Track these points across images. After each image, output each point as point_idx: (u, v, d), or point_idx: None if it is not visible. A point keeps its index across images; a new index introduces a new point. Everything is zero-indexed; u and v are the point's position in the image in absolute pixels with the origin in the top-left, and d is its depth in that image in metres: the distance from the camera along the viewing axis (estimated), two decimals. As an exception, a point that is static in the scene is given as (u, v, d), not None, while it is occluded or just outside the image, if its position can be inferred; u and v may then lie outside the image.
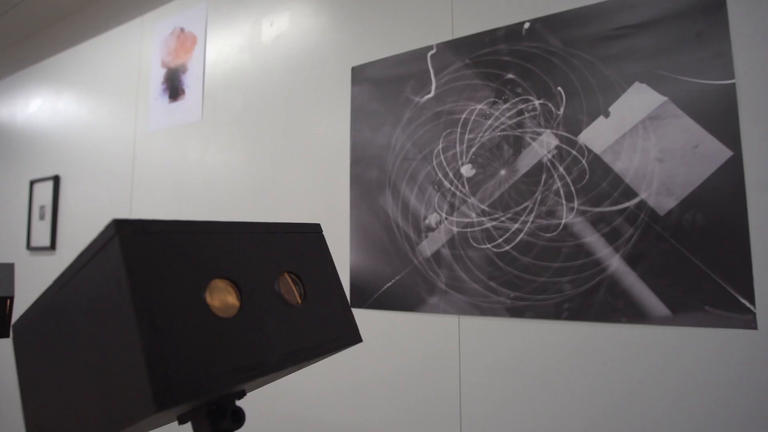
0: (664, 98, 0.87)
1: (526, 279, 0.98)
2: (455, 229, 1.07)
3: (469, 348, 1.03)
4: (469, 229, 1.05)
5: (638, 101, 0.89)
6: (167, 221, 0.31)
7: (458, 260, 1.06)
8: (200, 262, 0.33)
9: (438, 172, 1.10)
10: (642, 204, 0.88)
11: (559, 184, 0.96)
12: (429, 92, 1.13)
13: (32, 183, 2.16)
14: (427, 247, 1.10)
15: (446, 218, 1.08)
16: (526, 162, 1.00)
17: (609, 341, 0.89)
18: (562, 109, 0.97)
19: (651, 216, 0.87)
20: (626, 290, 0.88)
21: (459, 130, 1.08)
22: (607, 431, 0.87)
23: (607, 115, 0.92)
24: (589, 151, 0.93)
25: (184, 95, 1.62)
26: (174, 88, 1.65)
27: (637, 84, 0.89)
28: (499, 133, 1.03)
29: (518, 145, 1.01)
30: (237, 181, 1.44)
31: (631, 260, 0.88)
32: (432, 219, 1.10)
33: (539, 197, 0.98)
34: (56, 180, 2.04)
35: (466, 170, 1.07)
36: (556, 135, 0.97)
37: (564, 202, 0.95)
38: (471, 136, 1.07)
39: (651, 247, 0.86)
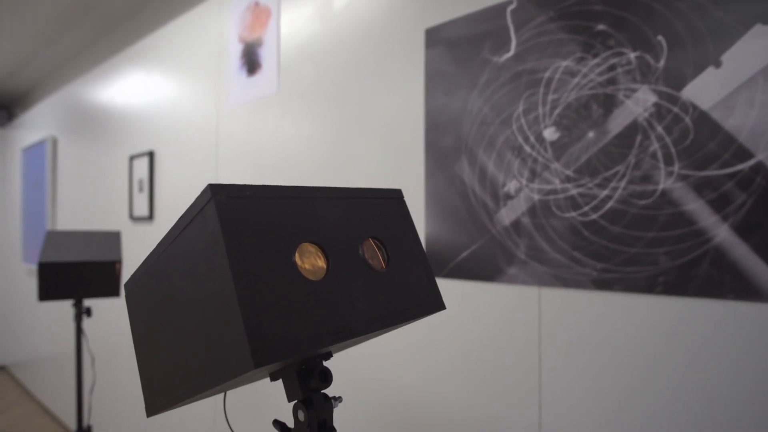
0: (793, 41, 0.75)
1: (615, 250, 0.91)
2: (536, 197, 1.01)
3: (550, 320, 0.99)
4: (551, 197, 0.99)
5: (758, 47, 0.77)
6: (258, 186, 0.32)
7: (539, 229, 1.01)
8: (289, 226, 0.33)
9: (518, 137, 1.04)
10: (759, 166, 0.77)
11: (656, 145, 0.87)
12: (508, 51, 1.06)
13: (131, 158, 2.37)
14: (506, 215, 1.06)
15: (527, 185, 1.03)
16: (618, 122, 0.91)
17: (711, 319, 0.81)
18: (662, 62, 0.87)
19: (770, 179, 0.76)
20: (734, 263, 0.79)
21: (542, 90, 1.01)
22: (705, 421, 0.80)
23: (718, 65, 0.81)
24: (695, 107, 0.83)
25: (261, 69, 1.66)
26: (251, 62, 1.70)
27: (758, 26, 0.77)
28: (587, 92, 0.95)
29: (609, 104, 0.92)
30: (312, 152, 1.47)
31: (743, 230, 0.78)
32: (511, 186, 1.05)
33: (633, 161, 0.90)
34: (151, 155, 2.21)
35: (550, 133, 1.00)
36: (654, 91, 0.87)
37: (662, 165, 0.86)
38: (555, 96, 0.99)
39: (769, 214, 0.76)
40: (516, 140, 1.05)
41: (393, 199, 0.43)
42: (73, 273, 1.43)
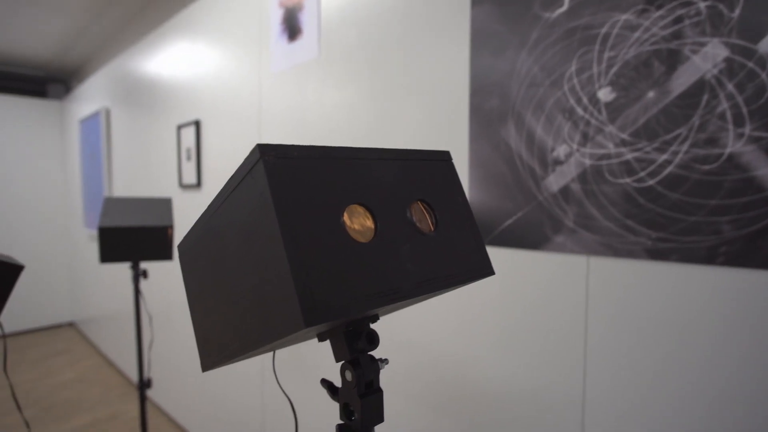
0: None
1: (672, 218, 0.86)
2: (588, 162, 0.96)
3: (599, 291, 0.96)
4: (604, 162, 0.94)
5: None
6: (305, 146, 0.31)
7: (590, 196, 0.96)
8: (337, 187, 0.33)
9: (570, 98, 0.99)
10: None
11: (725, 105, 0.80)
12: (561, 5, 0.99)
13: (179, 127, 2.44)
14: (554, 181, 1.02)
15: (578, 150, 0.98)
16: (682, 81, 0.84)
17: (780, 291, 0.76)
18: (737, 11, 0.78)
19: None
20: (810, 233, 0.73)
21: (597, 47, 0.95)
22: None
23: (804, 12, 0.72)
24: (773, 61, 0.75)
25: (302, 34, 1.65)
26: (292, 27, 1.69)
27: None
28: (648, 48, 0.88)
29: (673, 60, 0.85)
30: (353, 117, 1.46)
31: (822, 196, 0.71)
32: (561, 151, 1.00)
33: (697, 122, 0.83)
34: (197, 124, 2.27)
35: (605, 94, 0.94)
36: (726, 44, 0.80)
37: (731, 127, 0.80)
38: (612, 53, 0.93)
39: None
40: (567, 102, 0.99)
41: (441, 161, 0.42)
42: (130, 237, 1.51)
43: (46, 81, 4.93)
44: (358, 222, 0.33)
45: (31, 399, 3.07)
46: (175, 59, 2.50)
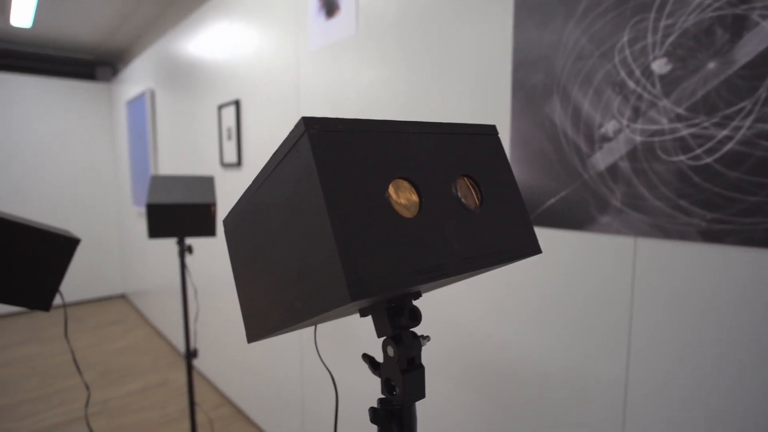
0: None
1: (730, 198, 0.81)
2: (638, 138, 0.92)
3: (646, 273, 0.92)
4: (657, 138, 0.89)
5: None
6: (350, 120, 0.31)
7: (639, 174, 0.92)
8: (382, 161, 0.32)
9: (621, 71, 0.94)
10: None
11: (797, 75, 0.74)
12: (615, -29, 0.93)
13: (220, 107, 2.49)
14: (601, 159, 0.97)
15: (628, 125, 0.93)
16: (748, 49, 0.78)
17: None
18: (816, -30, 0.71)
19: None
20: None
21: (653, 15, 0.89)
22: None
23: None
24: None
25: (339, 11, 1.63)
26: (329, 4, 1.67)
27: None
28: (710, 14, 0.82)
29: (739, 27, 0.79)
30: (391, 95, 1.44)
31: None
32: (609, 127, 0.96)
33: (764, 95, 0.77)
34: (237, 104, 2.30)
35: (660, 66, 0.88)
36: (801, 8, 0.73)
37: (803, 99, 0.73)
38: (669, 21, 0.87)
39: None
40: (618, 75, 0.94)
41: (487, 135, 0.40)
42: (175, 214, 1.57)
43: (94, 64, 5.13)
44: (403, 196, 0.32)
45: (89, 364, 3.30)
46: (215, 40, 2.53)
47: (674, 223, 0.88)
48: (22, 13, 3.59)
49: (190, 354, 1.82)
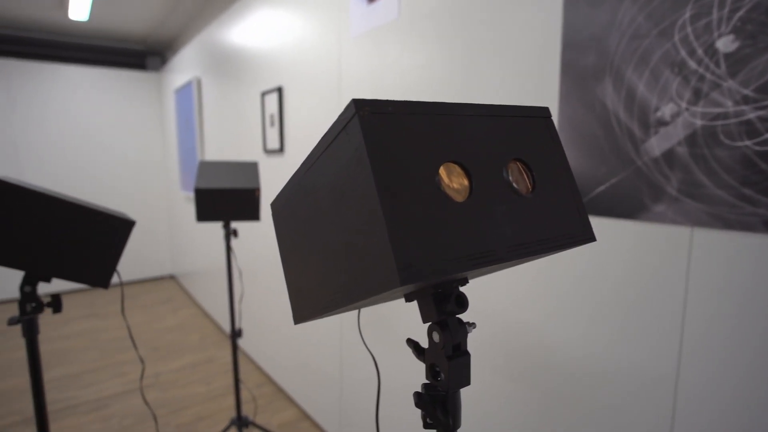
0: None
1: (803, 186, 0.75)
2: (699, 122, 0.86)
3: (703, 265, 0.87)
4: (720, 122, 0.83)
5: None
6: (401, 102, 0.31)
7: (699, 161, 0.86)
8: (432, 144, 0.32)
9: (681, 50, 0.88)
10: None
11: None
12: (677, -58, 0.87)
13: (263, 94, 2.53)
14: (656, 144, 0.92)
15: (687, 108, 0.87)
16: (830, 23, 0.71)
17: None
18: None
19: None
20: None
21: (720, -12, 0.82)
22: None
23: None
24: None
25: (382, -6, 1.61)
26: (372, -12, 1.65)
27: None
28: (787, -15, 0.75)
29: (820, -2, 0.72)
30: (434, 79, 1.42)
31: None
32: (666, 110, 0.90)
33: None
34: (280, 91, 2.34)
35: (725, 44, 0.82)
36: None
37: None
38: (738, -5, 0.80)
39: None
40: (677, 54, 0.88)
41: (540, 118, 0.39)
42: (222, 198, 1.62)
43: (145, 54, 5.33)
44: (454, 180, 0.32)
45: (141, 340, 3.50)
46: (258, 28, 2.57)
47: (737, 212, 0.82)
48: (80, 8, 3.76)
49: (235, 334, 1.89)
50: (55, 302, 0.99)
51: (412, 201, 0.29)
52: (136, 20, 4.28)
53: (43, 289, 4.74)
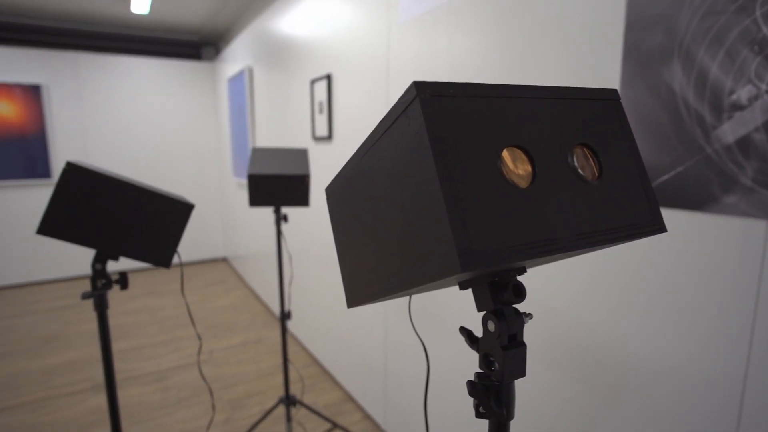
0: None
1: None
2: (781, 106, 0.79)
3: (780, 261, 0.81)
4: (806, 105, 0.76)
5: None
6: (462, 84, 0.30)
7: (780, 148, 0.79)
8: (494, 128, 0.31)
9: (762, 27, 0.80)
10: None
11: None
12: None
13: (312, 82, 2.56)
14: (730, 131, 0.86)
15: (767, 91, 0.80)
16: None
17: None
18: None
19: None
20: None
21: (812, -43, 0.74)
22: None
23: None
24: None
25: (433, -23, 1.57)
26: (423, -29, 1.62)
27: None
28: None
29: None
30: (486, 64, 1.38)
31: None
32: (743, 93, 0.84)
33: None
34: (329, 78, 2.36)
35: (817, 18, 0.74)
36: None
37: None
38: (834, -37, 0.72)
39: None
40: (758, 32, 0.81)
41: (608, 101, 0.37)
42: (274, 184, 1.66)
43: (200, 45, 5.52)
44: (516, 165, 0.31)
45: (196, 318, 3.69)
46: (307, 16, 2.59)
47: (822, 205, 0.75)
48: (141, 1, 3.94)
49: (285, 315, 1.95)
50: (122, 279, 1.06)
51: (473, 186, 0.28)
52: (192, 12, 4.44)
53: (111, 267, 5.08)
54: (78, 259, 4.89)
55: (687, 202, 0.93)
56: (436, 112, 0.29)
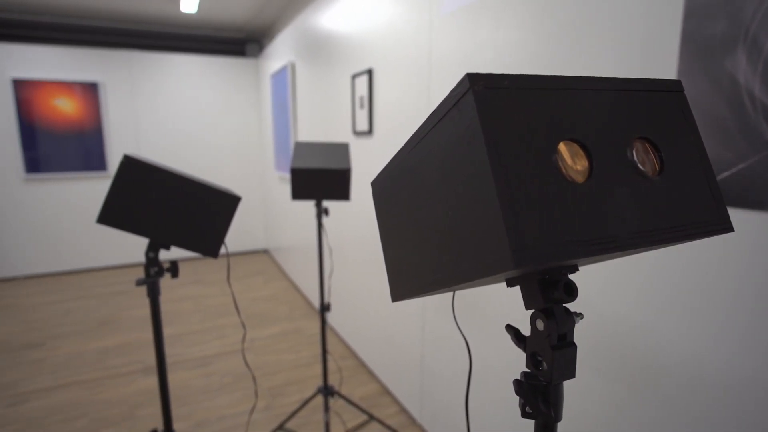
0: None
1: None
2: None
3: None
4: None
5: None
6: (517, 75, 0.29)
7: None
8: (550, 121, 0.30)
9: (843, 11, 0.74)
10: None
11: None
12: None
13: (353, 77, 2.58)
14: (802, 124, 0.80)
15: None
16: None
17: None
18: None
19: None
20: None
21: None
22: None
23: None
24: None
25: (477, -32, 1.54)
26: (467, -38, 1.59)
27: None
28: None
29: None
30: (532, 56, 1.34)
31: None
32: (817, 84, 0.77)
33: None
34: (370, 73, 2.36)
35: None
36: None
37: None
38: None
39: None
40: (838, 17, 0.75)
41: (671, 92, 0.35)
42: (316, 178, 1.69)
43: (244, 42, 5.66)
44: (572, 160, 0.30)
45: (238, 307, 3.82)
46: (349, 11, 2.60)
47: None
48: (190, 1, 4.08)
49: (324, 307, 1.98)
50: (173, 268, 1.11)
51: (527, 181, 0.28)
52: (237, 10, 4.56)
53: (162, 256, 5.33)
54: (132, 247, 5.16)
55: (750, 201, 0.87)
56: (489, 105, 0.28)
